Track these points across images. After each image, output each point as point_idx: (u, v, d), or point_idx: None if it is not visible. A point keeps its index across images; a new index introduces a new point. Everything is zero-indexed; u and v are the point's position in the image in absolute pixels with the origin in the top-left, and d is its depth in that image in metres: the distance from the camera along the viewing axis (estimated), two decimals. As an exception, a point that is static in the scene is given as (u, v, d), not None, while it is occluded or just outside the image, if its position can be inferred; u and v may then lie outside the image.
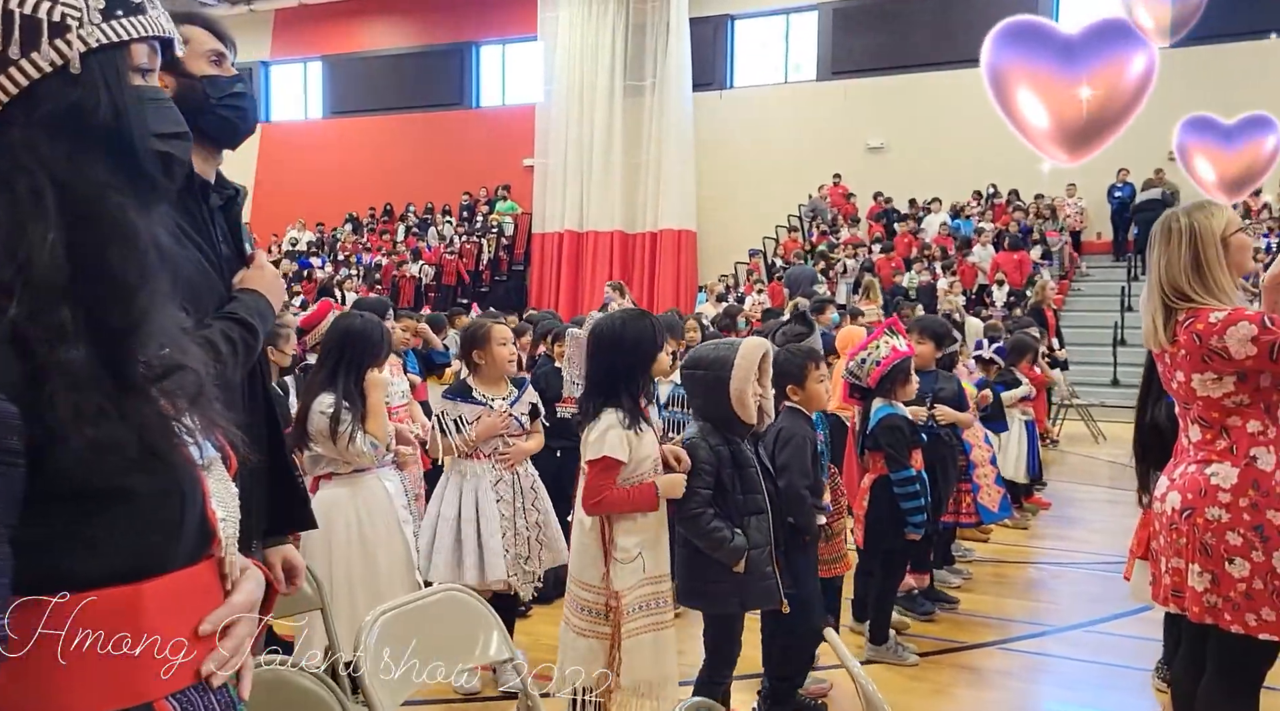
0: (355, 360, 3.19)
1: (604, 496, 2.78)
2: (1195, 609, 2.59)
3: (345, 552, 3.15)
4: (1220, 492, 2.54)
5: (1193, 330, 2.55)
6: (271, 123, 22.51)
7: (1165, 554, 2.68)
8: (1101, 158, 15.30)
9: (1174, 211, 2.74)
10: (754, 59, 19.14)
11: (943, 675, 4.00)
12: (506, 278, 19.44)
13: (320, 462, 3.20)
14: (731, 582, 2.98)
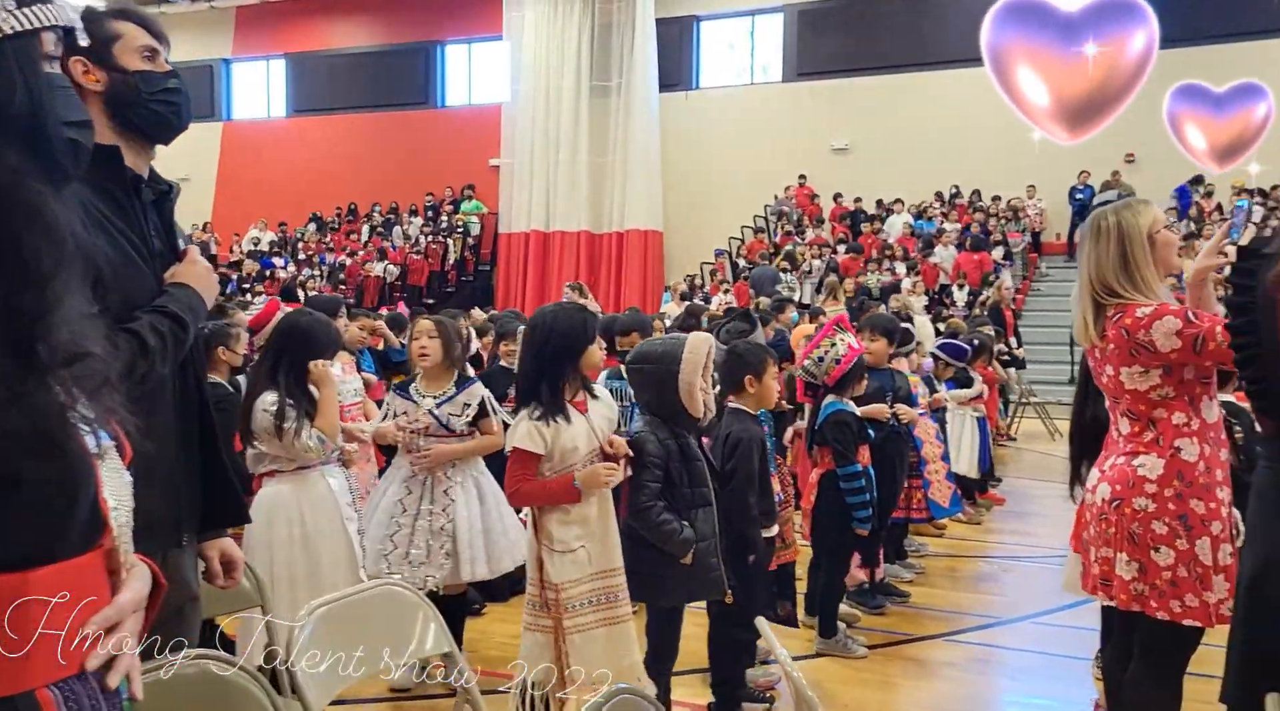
0: (297, 357, 3.17)
1: (518, 488, 2.81)
2: (1123, 597, 2.66)
3: (287, 550, 3.14)
4: (1147, 483, 2.61)
5: (1121, 325, 2.62)
6: (233, 121, 22.32)
7: (1095, 544, 2.74)
8: (1063, 159, 15.63)
9: (1102, 210, 2.80)
10: (720, 60, 19.23)
11: (890, 667, 4.06)
12: (473, 278, 19.38)
13: (264, 460, 3.19)
14: (679, 574, 3.02)
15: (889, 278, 14.58)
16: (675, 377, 3.04)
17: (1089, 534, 2.78)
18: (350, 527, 3.29)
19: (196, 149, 21.92)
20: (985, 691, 3.81)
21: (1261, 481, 1.84)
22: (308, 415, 3.15)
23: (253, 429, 3.15)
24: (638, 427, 3.07)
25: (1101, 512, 2.69)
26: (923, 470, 5.23)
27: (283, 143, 21.44)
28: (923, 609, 4.85)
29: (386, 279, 17.84)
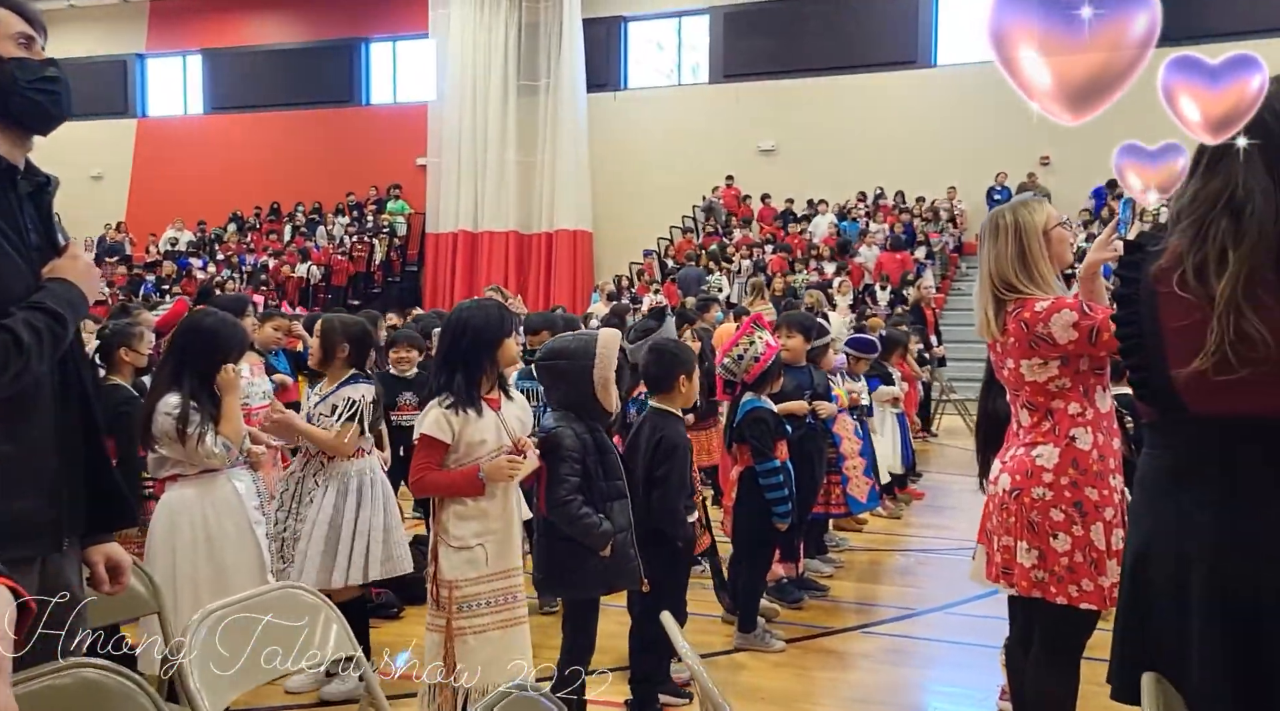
0: (201, 359, 3.08)
1: (422, 476, 2.80)
2: (1024, 584, 2.73)
3: (191, 555, 3.04)
4: (1044, 472, 2.70)
5: (1020, 319, 2.70)
6: (149, 118, 21.66)
7: (996, 533, 2.81)
8: (982, 161, 15.98)
9: (1000, 208, 2.88)
10: (648, 61, 19.28)
11: (807, 659, 4.11)
12: (400, 278, 19.10)
13: (166, 464, 3.08)
14: (597, 566, 3.02)
15: (817, 278, 14.78)
16: (590, 372, 3.05)
17: (991, 524, 2.86)
18: (258, 531, 3.20)
19: (110, 146, 21.27)
20: (898, 680, 3.87)
21: (1141, 468, 1.89)
22: (212, 419, 3.07)
23: (154, 432, 3.05)
24: (552, 423, 3.06)
25: (1002, 502, 2.77)
26: (841, 466, 5.30)
27: (201, 141, 20.88)
28: (841, 602, 4.92)
29: (310, 280, 17.48)
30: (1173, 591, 1.71)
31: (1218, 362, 1.60)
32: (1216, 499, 1.66)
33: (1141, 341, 1.76)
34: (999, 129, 15.71)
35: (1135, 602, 1.82)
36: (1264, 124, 1.62)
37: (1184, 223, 1.67)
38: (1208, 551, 1.65)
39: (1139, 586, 1.80)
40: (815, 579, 5.15)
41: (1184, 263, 1.65)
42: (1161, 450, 1.82)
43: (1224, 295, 1.58)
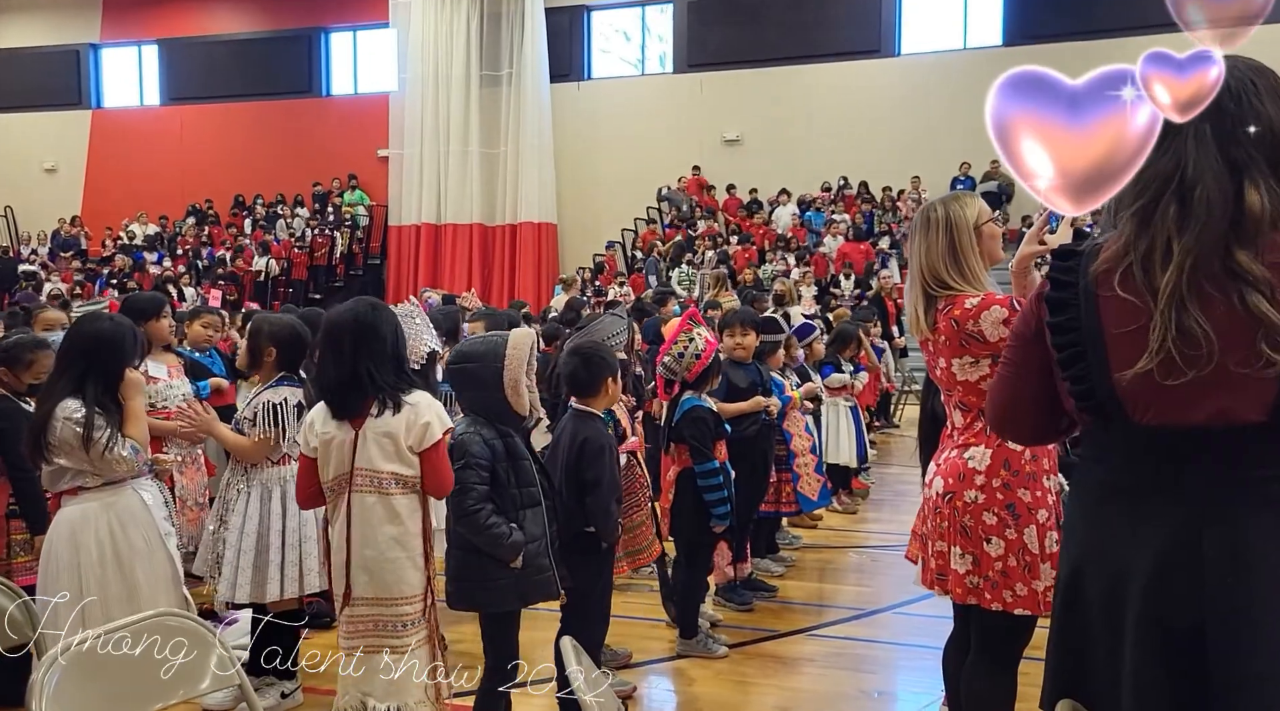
0: (104, 365, 2.93)
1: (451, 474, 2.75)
2: (959, 591, 2.65)
3: (98, 572, 2.89)
4: (976, 475, 2.61)
5: (950, 316, 2.62)
6: (104, 109, 21.20)
7: (931, 538, 2.72)
8: (945, 151, 15.95)
9: (931, 202, 2.79)
10: (611, 51, 19.09)
11: (750, 666, 4.01)
12: (362, 272, 18.82)
13: (65, 476, 2.92)
14: (509, 578, 2.89)
15: (781, 268, 14.72)
16: (499, 375, 2.92)
17: (925, 528, 2.77)
18: (170, 543, 3.05)
19: (64, 138, 20.82)
20: (838, 686, 3.78)
21: (1078, 477, 1.80)
22: (118, 426, 2.91)
23: (51, 441, 2.88)
24: (461, 428, 2.93)
25: (935, 506, 2.68)
26: (792, 464, 5.21)
27: (158, 133, 20.45)
28: (790, 603, 4.83)
29: (269, 274, 17.17)
30: (1107, 611, 1.61)
31: (1162, 364, 1.50)
32: (1159, 513, 1.55)
33: (1082, 349, 1.65)
34: (962, 119, 15.68)
35: (1067, 622, 1.72)
36: (1218, 104, 1.52)
37: (1128, 208, 1.56)
38: (1147, 569, 1.54)
39: (1071, 604, 1.70)
40: (765, 579, 5.06)
41: (1129, 255, 1.54)
42: (1100, 460, 1.71)
43: (1167, 288, 1.48)
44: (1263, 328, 1.44)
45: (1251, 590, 1.47)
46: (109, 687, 1.94)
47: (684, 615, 4.16)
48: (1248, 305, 1.45)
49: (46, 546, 2.95)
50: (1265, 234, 1.47)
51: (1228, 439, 1.50)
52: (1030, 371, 1.74)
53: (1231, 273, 1.46)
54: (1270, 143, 1.51)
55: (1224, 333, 1.46)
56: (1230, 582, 1.48)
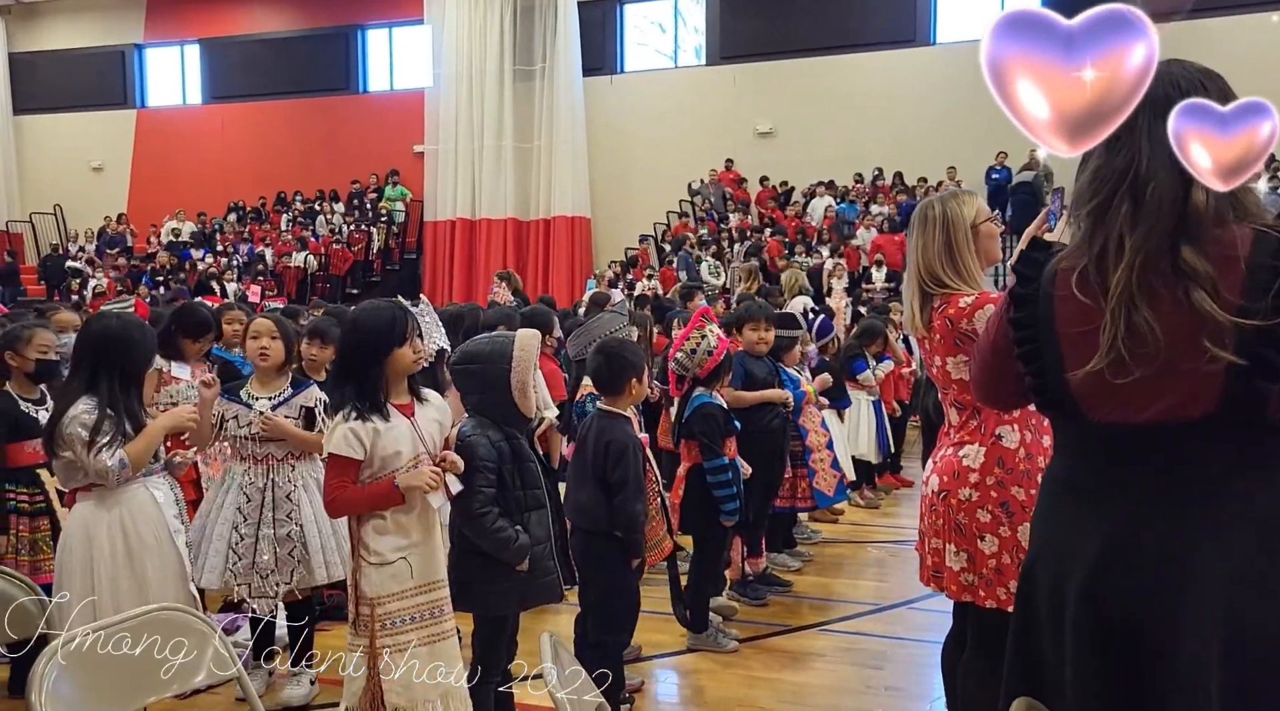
0: (115, 362, 2.99)
1: (336, 495, 2.66)
2: (953, 587, 2.67)
3: (110, 568, 2.96)
4: (970, 473, 2.62)
5: (945, 315, 2.63)
6: (148, 108, 21.63)
7: (927, 535, 2.74)
8: (981, 141, 15.77)
9: (929, 200, 2.80)
10: (644, 44, 19.08)
11: (758, 660, 4.04)
12: (398, 267, 19.04)
13: (78, 473, 3.00)
14: (512, 581, 2.93)
15: (815, 261, 14.63)
16: (506, 376, 2.96)
17: (923, 525, 2.78)
18: (178, 539, 3.13)
19: (110, 137, 21.29)
20: (846, 681, 3.79)
21: (1044, 472, 1.83)
22: (123, 433, 2.94)
23: (60, 437, 2.95)
24: (467, 430, 2.98)
25: (931, 504, 2.70)
26: (807, 459, 5.21)
27: (200, 131, 20.85)
28: (803, 597, 4.85)
29: (307, 270, 17.43)
30: (1051, 604, 1.64)
31: (1113, 362, 1.52)
32: (1107, 508, 1.58)
33: (1038, 346, 1.68)
34: (999, 108, 15.42)
35: (1022, 614, 1.75)
36: (1168, 99, 1.53)
37: (1085, 206, 1.58)
38: (1089, 562, 1.57)
39: (1027, 597, 1.73)
40: (780, 574, 5.08)
41: (1084, 255, 1.57)
42: (1061, 456, 1.75)
43: (1118, 287, 1.51)
44: (1207, 325, 1.46)
45: (1188, 586, 1.48)
46: (107, 681, 2.02)
47: (695, 610, 4.20)
48: (1192, 301, 1.46)
49: (62, 542, 3.04)
50: (1209, 229, 1.49)
51: (1178, 435, 1.52)
52: (999, 354, 1.78)
53: (1178, 270, 1.48)
54: None
55: (1171, 329, 1.48)
56: (1169, 577, 1.50)
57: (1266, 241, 1.47)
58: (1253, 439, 1.50)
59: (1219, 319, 1.44)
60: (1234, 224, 1.50)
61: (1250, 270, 1.45)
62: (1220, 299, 1.45)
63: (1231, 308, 1.44)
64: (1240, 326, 1.44)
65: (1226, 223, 1.50)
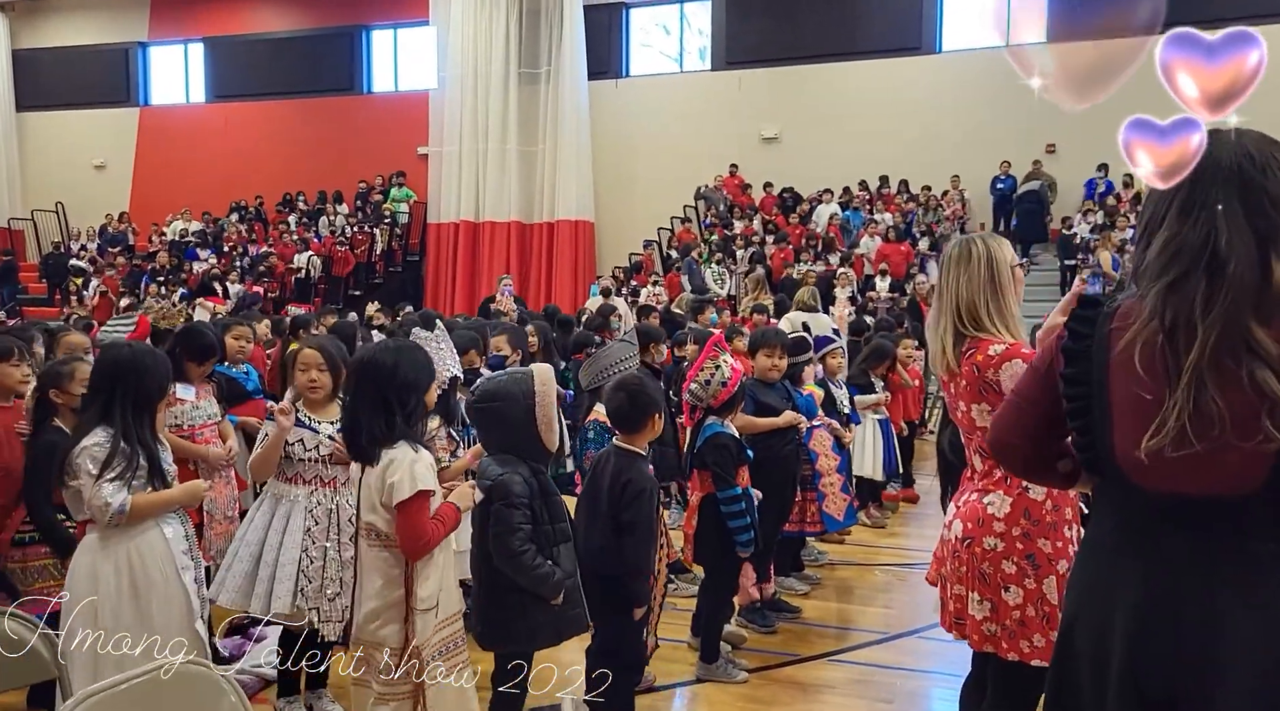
0: (129, 390, 2.95)
1: (432, 534, 2.70)
2: (975, 637, 2.65)
3: (114, 604, 2.90)
4: (995, 522, 2.60)
5: (973, 361, 2.61)
6: (151, 106, 21.60)
7: (950, 580, 2.72)
8: (987, 150, 15.73)
9: (969, 237, 2.77)
10: (649, 48, 19.05)
11: (769, 691, 4.02)
12: (401, 269, 19.01)
13: (84, 503, 2.93)
14: (547, 616, 2.93)
15: (822, 268, 14.59)
16: (533, 413, 2.95)
17: (945, 569, 2.76)
18: (186, 577, 3.05)
19: (113, 135, 21.26)
20: (856, 716, 3.78)
21: (1086, 532, 1.83)
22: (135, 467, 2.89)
23: (72, 466, 2.88)
24: (497, 469, 2.95)
25: (954, 550, 2.68)
26: (817, 483, 5.19)
27: (204, 129, 20.81)
28: (812, 625, 4.83)
29: (311, 272, 17.39)
30: (1095, 664, 1.63)
31: (1174, 438, 1.50)
32: (1148, 576, 1.58)
33: (1089, 404, 1.66)
34: (1004, 117, 15.46)
35: (1061, 671, 1.75)
36: (1242, 172, 1.51)
37: (1156, 280, 1.54)
38: (1130, 628, 1.57)
39: (1065, 655, 1.73)
40: (788, 599, 5.06)
41: (1150, 324, 1.53)
42: (1102, 517, 1.74)
43: (1191, 365, 1.48)
44: (1267, 404, 1.44)
45: (1226, 662, 1.48)
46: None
47: (706, 640, 4.18)
48: (1256, 380, 1.45)
49: (71, 572, 2.99)
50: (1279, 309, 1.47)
51: (1223, 509, 1.51)
52: (1034, 404, 1.77)
53: (1250, 349, 1.46)
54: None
55: (1235, 408, 1.47)
56: (1207, 652, 1.49)
57: None
58: None
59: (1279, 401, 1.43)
60: None
61: None
62: None
63: None
64: None
65: None
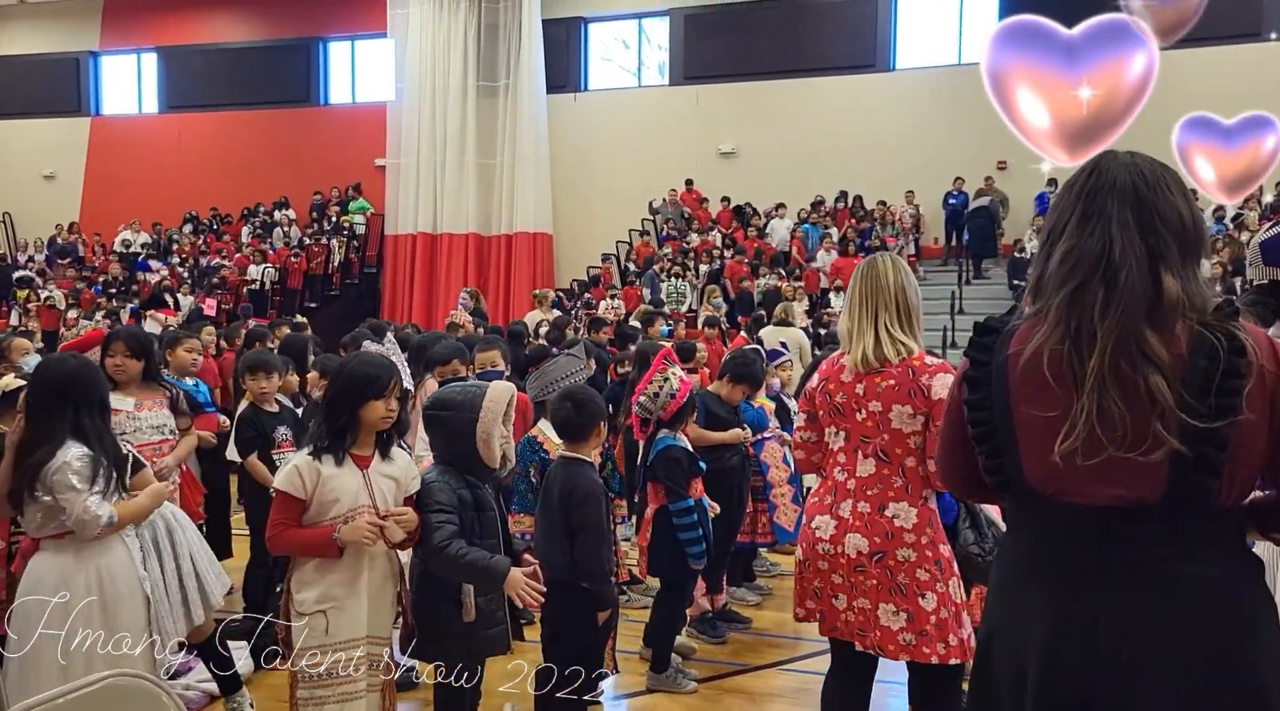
0: (93, 404, 2.97)
1: (277, 533, 2.75)
2: (891, 647, 2.71)
3: (85, 618, 2.89)
4: (905, 533, 2.70)
5: (909, 364, 2.72)
6: (102, 116, 21.28)
7: (844, 592, 2.75)
8: (939, 167, 15.99)
9: (883, 254, 2.93)
10: (607, 62, 19.15)
11: (719, 701, 4.06)
12: (358, 281, 18.88)
13: (54, 519, 2.90)
14: (460, 630, 2.92)
15: (774, 282, 14.73)
16: (472, 426, 2.96)
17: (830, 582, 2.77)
18: (146, 586, 3.08)
19: (63, 145, 20.89)
20: (804, 725, 3.83)
21: (1000, 549, 1.88)
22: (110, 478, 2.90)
23: (46, 482, 2.85)
24: (431, 475, 2.98)
25: (857, 564, 2.71)
26: (768, 494, 5.25)
27: (156, 140, 20.53)
28: (763, 635, 4.88)
29: (266, 283, 17.20)
30: (1009, 678, 1.68)
31: (1084, 444, 1.55)
32: (1060, 589, 1.62)
33: (994, 428, 1.71)
34: (956, 134, 15.76)
35: (978, 689, 1.79)
36: (1136, 189, 1.59)
37: (1059, 288, 1.61)
38: (1044, 644, 1.61)
39: (983, 672, 1.77)
40: (739, 610, 5.11)
41: (1056, 331, 1.60)
42: (1015, 533, 1.79)
43: (1093, 371, 1.55)
44: (1158, 408, 1.51)
45: (1141, 668, 1.53)
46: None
47: (657, 650, 4.21)
48: (1150, 386, 1.51)
49: (26, 587, 2.92)
50: (1175, 320, 1.54)
51: (1130, 518, 1.56)
52: (957, 443, 1.82)
53: (1144, 354, 1.53)
54: (1179, 233, 1.59)
55: (1133, 414, 1.53)
56: (1123, 662, 1.54)
57: (1203, 341, 1.53)
58: (1200, 523, 1.55)
59: (1169, 405, 1.49)
60: (1184, 318, 1.55)
61: (1189, 368, 1.52)
62: (1174, 389, 1.50)
63: (1179, 401, 1.50)
64: (1185, 420, 1.49)
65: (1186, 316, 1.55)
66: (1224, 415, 1.48)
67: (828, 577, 2.77)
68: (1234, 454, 1.50)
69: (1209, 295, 1.60)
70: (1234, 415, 1.48)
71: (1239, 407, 1.48)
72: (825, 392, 2.83)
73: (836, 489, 2.79)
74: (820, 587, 2.79)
